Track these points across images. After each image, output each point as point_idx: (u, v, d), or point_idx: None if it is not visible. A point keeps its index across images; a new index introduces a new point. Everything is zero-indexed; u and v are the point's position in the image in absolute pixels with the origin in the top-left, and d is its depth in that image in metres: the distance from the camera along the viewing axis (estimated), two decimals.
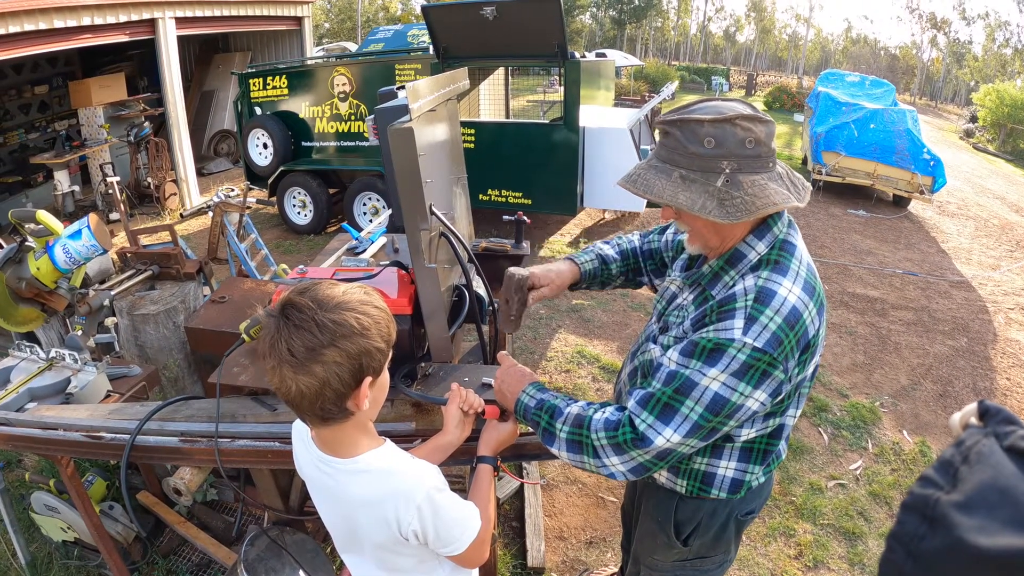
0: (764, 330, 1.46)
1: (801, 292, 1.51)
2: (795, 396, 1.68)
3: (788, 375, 1.51)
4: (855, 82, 13.35)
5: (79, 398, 2.55)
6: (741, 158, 1.46)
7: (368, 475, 1.36)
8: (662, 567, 2.07)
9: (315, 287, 1.28)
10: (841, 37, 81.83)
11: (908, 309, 6.60)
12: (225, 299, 3.16)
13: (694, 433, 1.52)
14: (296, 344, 1.20)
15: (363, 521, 1.39)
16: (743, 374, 1.47)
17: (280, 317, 1.23)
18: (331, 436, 1.37)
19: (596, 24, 59.54)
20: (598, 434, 1.59)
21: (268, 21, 11.64)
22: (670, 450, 1.54)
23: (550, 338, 5.58)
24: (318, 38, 38.03)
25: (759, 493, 1.89)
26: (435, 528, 1.36)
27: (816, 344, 1.56)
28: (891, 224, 9.84)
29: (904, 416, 4.72)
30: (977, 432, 0.64)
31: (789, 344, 1.47)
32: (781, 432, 1.75)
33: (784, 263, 1.55)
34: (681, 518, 1.90)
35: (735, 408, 1.50)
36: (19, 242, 2.90)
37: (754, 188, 1.46)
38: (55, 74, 10.93)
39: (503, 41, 6.84)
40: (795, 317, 1.48)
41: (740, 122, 1.45)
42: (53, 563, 3.10)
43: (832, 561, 3.34)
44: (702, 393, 1.49)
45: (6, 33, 7.16)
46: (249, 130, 8.60)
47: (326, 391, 1.23)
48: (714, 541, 1.93)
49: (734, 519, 1.89)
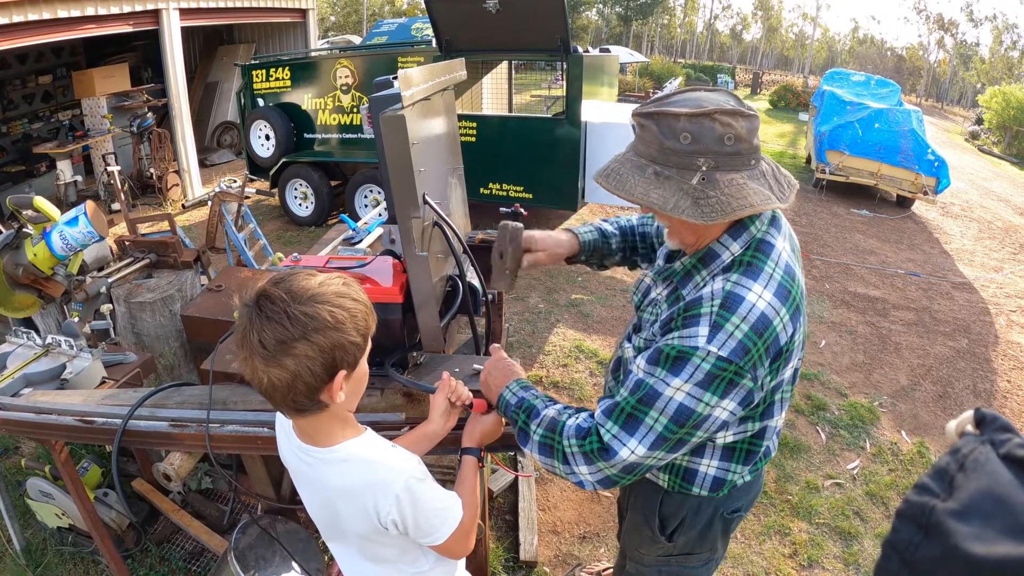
0: (730, 339, 1.39)
1: (772, 297, 1.43)
2: (776, 400, 1.64)
3: (759, 383, 1.45)
4: (860, 81, 13.31)
5: (74, 384, 2.55)
6: (719, 155, 1.37)
7: (347, 464, 1.35)
8: (647, 561, 2.04)
9: (291, 278, 1.26)
10: (848, 37, 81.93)
11: (909, 309, 6.59)
12: (222, 288, 3.16)
13: (659, 445, 1.46)
14: (267, 336, 1.18)
15: (344, 511, 1.39)
16: (708, 384, 1.40)
17: (254, 308, 1.21)
18: (309, 426, 1.36)
19: (602, 20, 59.43)
20: (569, 440, 1.54)
21: (272, 13, 11.62)
22: (635, 463, 1.48)
23: (548, 332, 5.58)
24: (324, 31, 38.02)
25: (746, 491, 1.85)
26: (414, 518, 1.35)
27: (791, 350, 1.49)
28: (894, 224, 9.82)
29: (903, 416, 4.71)
30: (973, 440, 0.64)
31: (757, 353, 1.40)
32: (764, 433, 1.69)
33: (757, 265, 1.47)
34: (666, 513, 1.87)
35: (701, 419, 1.44)
36: (16, 228, 2.91)
37: (731, 188, 1.38)
38: (59, 64, 10.95)
39: (506, 34, 6.82)
40: (764, 324, 1.40)
41: (719, 117, 1.36)
42: (48, 549, 3.10)
43: (827, 561, 3.33)
44: (666, 404, 1.43)
45: (10, 22, 7.16)
46: (251, 121, 8.60)
47: (297, 384, 1.21)
48: (699, 538, 1.89)
49: (720, 517, 1.84)
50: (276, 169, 8.46)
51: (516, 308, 6.05)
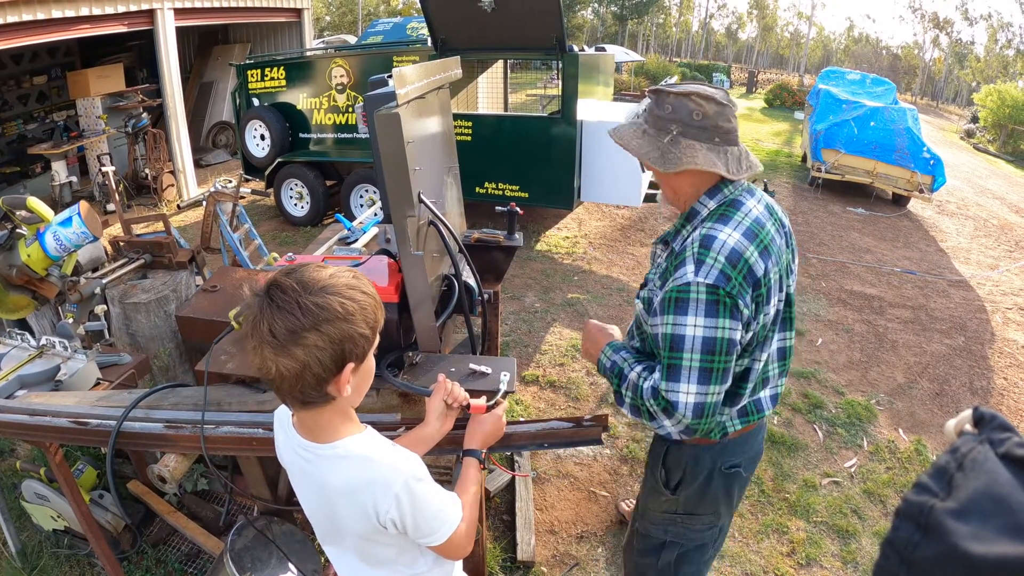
0: (711, 269, 1.67)
1: (740, 236, 1.71)
2: (762, 340, 1.84)
3: (749, 309, 1.71)
4: (856, 80, 13.32)
5: (69, 385, 2.54)
6: (687, 126, 1.74)
7: (347, 461, 1.33)
8: (654, 518, 2.19)
9: (302, 269, 1.27)
10: (843, 36, 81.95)
11: (906, 307, 6.59)
12: (217, 288, 3.15)
13: (707, 379, 1.70)
14: (278, 326, 1.18)
15: (342, 510, 1.37)
16: (714, 312, 1.67)
17: (264, 298, 1.21)
18: (311, 420, 1.35)
19: (598, 20, 59.41)
20: (649, 401, 1.79)
21: (267, 13, 11.60)
22: (699, 404, 1.71)
23: (545, 331, 5.57)
24: (319, 31, 37.95)
25: (740, 446, 2.03)
26: (413, 518, 1.34)
27: (769, 285, 1.75)
28: (890, 222, 9.82)
29: (900, 414, 4.70)
30: (972, 439, 0.64)
31: (737, 280, 1.68)
32: (748, 376, 1.88)
33: (728, 215, 1.77)
34: (669, 464, 2.06)
35: (725, 343, 1.69)
36: (10, 229, 2.89)
37: (688, 149, 1.73)
38: (54, 64, 10.92)
39: (501, 33, 6.82)
40: (736, 256, 1.68)
41: (695, 98, 1.73)
42: (43, 552, 3.08)
43: (825, 559, 3.32)
44: (692, 342, 1.69)
45: (4, 23, 7.14)
46: (247, 121, 8.58)
47: (306, 375, 1.21)
48: (700, 495, 2.05)
49: (718, 471, 2.01)
50: (271, 169, 8.44)
51: (512, 307, 6.04)
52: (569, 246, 7.79)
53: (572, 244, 7.86)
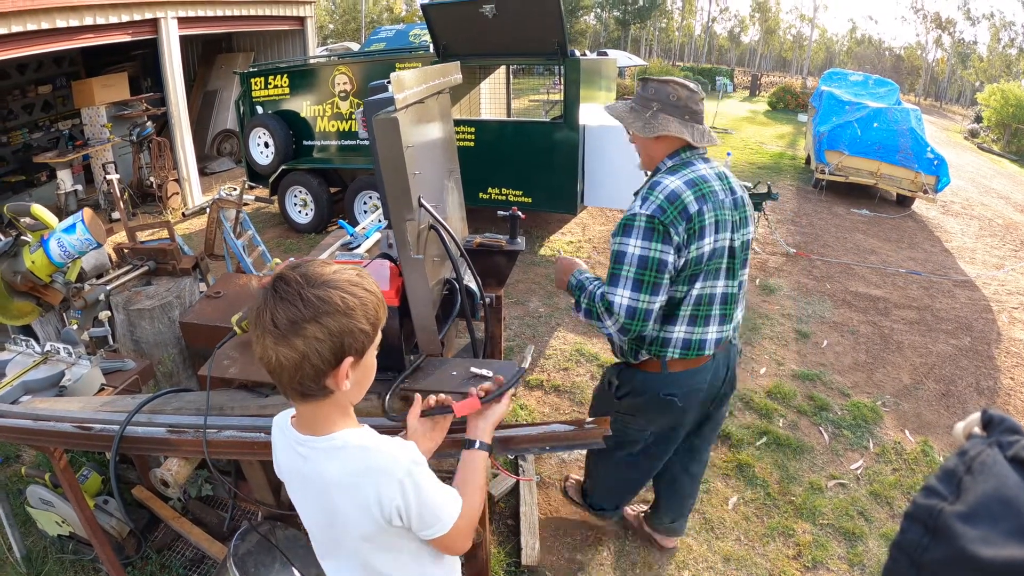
0: (652, 204, 2.23)
1: (680, 183, 2.26)
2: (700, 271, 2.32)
3: (681, 238, 2.22)
4: (859, 81, 13.30)
5: (73, 391, 2.55)
6: (665, 104, 2.34)
7: (344, 452, 1.33)
8: (600, 412, 2.75)
9: (307, 264, 1.30)
10: (846, 38, 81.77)
11: (911, 308, 6.57)
12: (220, 294, 3.16)
13: (638, 288, 2.23)
14: (279, 316, 1.21)
15: (343, 507, 1.35)
16: (649, 236, 2.21)
17: (269, 289, 1.25)
18: (310, 413, 1.36)
19: (600, 25, 59.50)
20: (597, 303, 2.30)
21: (271, 21, 11.65)
22: (631, 307, 2.23)
23: (549, 336, 5.57)
24: (322, 39, 38.10)
25: (679, 379, 2.49)
26: (418, 505, 1.33)
27: (703, 223, 2.24)
28: (894, 223, 9.79)
29: (906, 416, 4.68)
30: (980, 442, 0.64)
31: (672, 213, 2.20)
32: (683, 303, 2.36)
33: (676, 170, 2.33)
34: (621, 380, 2.64)
35: (657, 263, 2.21)
36: (14, 236, 2.91)
37: (663, 121, 2.33)
38: (59, 74, 10.97)
39: (503, 39, 6.82)
40: (674, 196, 2.23)
41: (673, 85, 2.35)
42: (48, 557, 3.09)
43: (831, 562, 3.30)
44: (630, 257, 2.23)
45: (8, 33, 7.18)
46: (250, 129, 8.61)
47: (305, 366, 1.23)
48: (639, 407, 2.60)
49: (657, 396, 2.52)
50: (275, 176, 8.46)
51: (516, 312, 6.04)
52: (573, 251, 7.79)
53: (576, 249, 7.86)
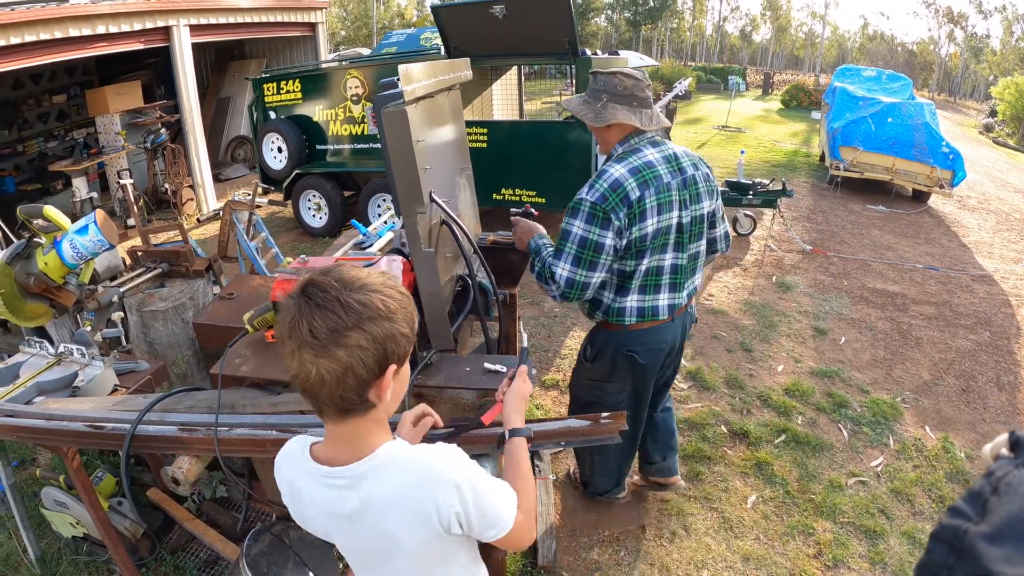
0: (596, 192, 2.46)
1: (625, 172, 2.47)
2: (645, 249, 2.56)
3: (622, 221, 2.45)
4: (872, 77, 13.18)
5: (86, 392, 2.55)
6: (613, 94, 2.55)
7: (392, 466, 1.23)
8: (580, 384, 3.06)
9: (337, 268, 1.20)
10: (858, 34, 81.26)
11: (929, 304, 6.49)
12: (234, 295, 3.16)
13: (577, 263, 2.50)
14: (318, 325, 1.11)
15: (396, 527, 1.24)
16: (591, 221, 2.46)
17: (301, 298, 1.14)
18: (346, 433, 1.25)
19: (611, 26, 59.43)
20: (546, 270, 2.57)
21: (282, 28, 11.70)
22: (570, 278, 2.51)
23: (564, 336, 5.54)
24: (334, 45, 38.26)
25: (637, 337, 2.76)
26: (477, 508, 1.24)
27: (644, 208, 2.47)
28: (911, 219, 9.70)
29: (926, 412, 4.62)
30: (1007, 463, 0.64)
31: (613, 201, 2.44)
32: (634, 275, 2.62)
33: (625, 158, 2.54)
34: (590, 339, 2.93)
35: (595, 244, 2.47)
36: (27, 238, 2.91)
37: (612, 110, 2.55)
38: (73, 83, 11.07)
39: (514, 39, 6.81)
40: (617, 184, 2.45)
41: (619, 76, 2.56)
42: (63, 559, 3.09)
43: (852, 560, 3.25)
44: (572, 236, 2.50)
45: (23, 42, 7.25)
46: (264, 134, 8.63)
47: (348, 378, 1.14)
48: (610, 367, 2.83)
49: (621, 352, 2.78)
50: (289, 181, 8.48)
51: (532, 312, 6.03)
52: None
53: None
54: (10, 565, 3.15)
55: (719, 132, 18.06)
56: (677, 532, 3.41)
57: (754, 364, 5.17)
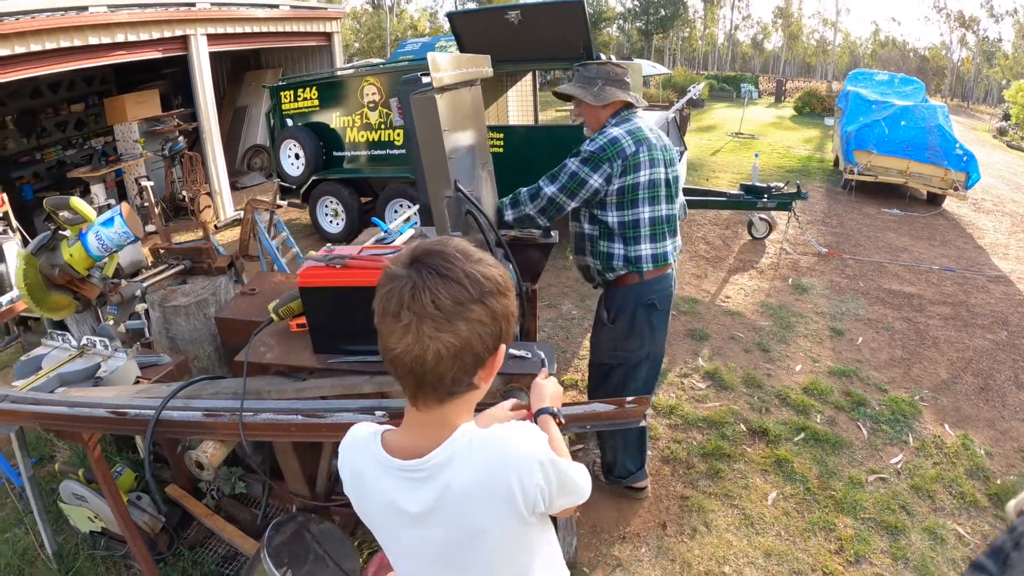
0: (596, 143, 2.90)
1: (623, 131, 2.91)
2: (640, 198, 2.96)
3: (615, 171, 2.87)
4: (884, 80, 13.15)
5: (109, 382, 2.56)
6: (607, 79, 2.99)
7: (472, 449, 1.14)
8: (603, 348, 3.31)
9: (451, 239, 1.13)
10: (869, 40, 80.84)
11: (946, 304, 6.45)
12: (256, 291, 3.18)
13: (562, 189, 2.94)
14: (443, 296, 1.03)
15: (481, 516, 1.15)
16: (586, 163, 2.89)
17: (420, 267, 1.06)
18: (434, 420, 1.16)
19: (623, 36, 59.53)
20: (522, 194, 3.08)
21: (298, 37, 11.79)
22: (552, 196, 2.96)
23: (582, 337, 5.54)
24: (348, 57, 38.51)
25: (652, 286, 3.10)
26: (559, 481, 1.18)
27: (638, 160, 2.89)
28: (926, 222, 9.64)
29: (945, 410, 4.58)
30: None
31: (610, 152, 2.86)
32: (638, 224, 3.00)
33: (619, 124, 2.98)
34: (608, 303, 3.21)
35: (581, 180, 2.90)
36: (53, 230, 2.94)
37: (611, 91, 2.98)
38: (91, 92, 11.18)
39: (529, 45, 6.85)
40: (615, 140, 2.88)
41: (610, 66, 3.04)
42: (79, 554, 3.08)
43: (874, 556, 3.23)
44: (567, 169, 2.94)
45: (43, 49, 7.33)
46: (281, 141, 8.66)
47: (465, 355, 1.07)
48: (631, 323, 3.13)
49: (641, 304, 3.10)
50: (306, 187, 8.51)
51: (550, 315, 6.03)
52: None
53: None
54: (27, 560, 3.15)
55: (732, 139, 18.02)
56: (698, 529, 3.39)
57: (772, 364, 5.15)
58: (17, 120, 10.30)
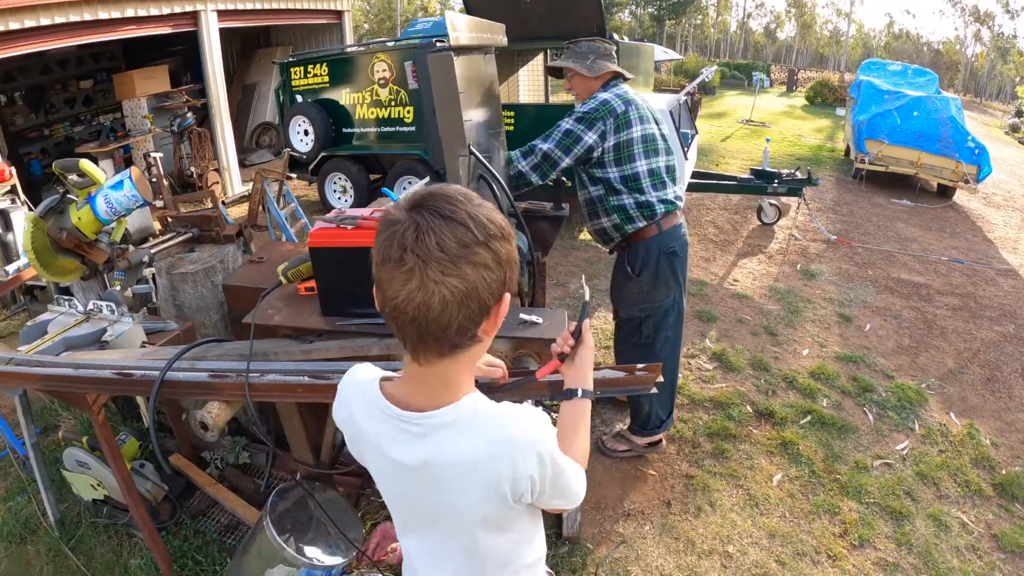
0: (588, 105, 3.14)
1: (612, 94, 3.14)
2: (636, 152, 3.16)
3: (608, 128, 3.09)
4: (897, 71, 13.02)
5: (114, 347, 2.55)
6: (598, 54, 3.23)
7: (475, 424, 1.11)
8: (630, 301, 3.44)
9: (448, 185, 1.07)
10: (883, 32, 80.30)
11: (954, 295, 6.42)
12: (263, 259, 3.16)
13: (556, 145, 3.12)
14: (448, 239, 0.98)
15: (462, 494, 1.13)
16: (579, 121, 3.11)
17: (422, 210, 1.01)
18: (435, 375, 1.11)
19: (635, 21, 59.17)
20: (515, 155, 3.20)
21: (308, 15, 11.70)
22: (546, 152, 3.13)
23: (590, 316, 5.51)
24: (358, 37, 38.37)
25: (670, 234, 3.28)
26: (553, 478, 1.15)
27: (629, 118, 3.11)
28: (936, 213, 9.59)
29: (951, 399, 4.57)
30: None
31: (601, 112, 3.09)
32: (638, 177, 3.19)
33: (608, 89, 3.19)
34: (631, 259, 3.33)
35: (576, 137, 3.10)
36: (61, 193, 2.92)
37: (603, 63, 3.22)
38: (99, 69, 11.14)
39: (542, 23, 6.80)
40: (605, 102, 3.11)
41: (599, 41, 3.27)
42: (82, 522, 3.08)
43: (878, 540, 3.22)
44: (562, 127, 3.14)
45: (52, 23, 7.29)
46: (290, 117, 8.60)
47: (471, 301, 1.01)
48: (655, 274, 3.29)
49: (663, 253, 3.26)
50: (315, 164, 8.48)
51: (557, 294, 6.03)
52: None
53: None
54: (29, 528, 3.14)
55: (743, 126, 17.93)
56: (703, 508, 3.39)
57: (779, 347, 5.13)
58: (26, 96, 10.27)
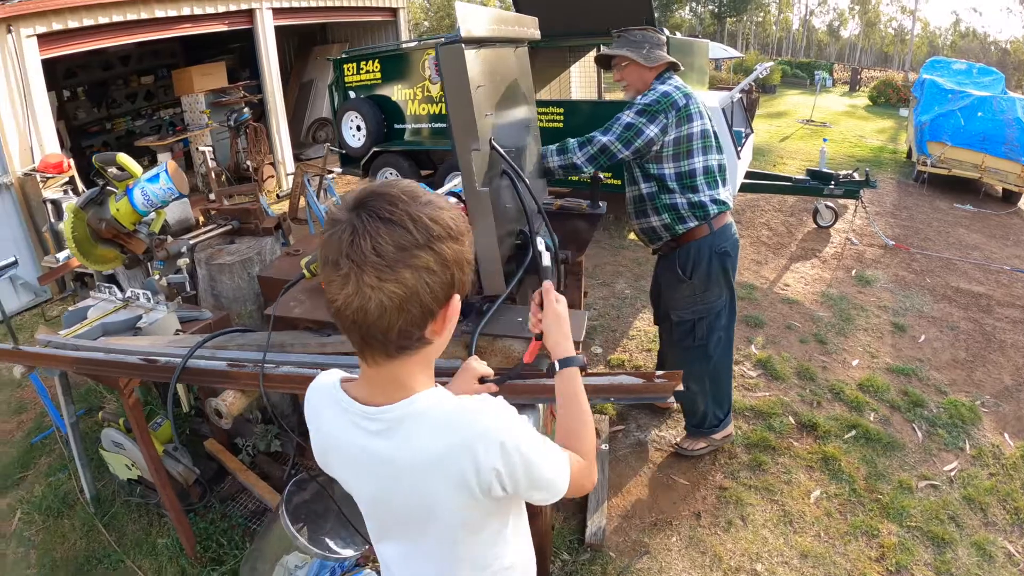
0: (649, 97, 3.04)
1: (672, 87, 3.06)
2: (695, 148, 3.09)
3: (670, 121, 3.00)
4: (962, 70, 12.48)
5: (148, 333, 2.61)
6: (653, 45, 3.14)
7: (431, 418, 1.08)
8: (682, 304, 3.37)
9: (400, 181, 1.04)
10: (949, 31, 77.55)
11: (1016, 307, 6.13)
12: (300, 252, 3.20)
13: (618, 138, 3.02)
14: (383, 241, 0.95)
15: (433, 487, 1.10)
16: (641, 114, 3.01)
17: (361, 211, 0.97)
18: (389, 375, 1.09)
19: (695, 19, 58.38)
20: (572, 144, 3.13)
21: (363, 12, 11.84)
22: (606, 144, 3.04)
23: (633, 318, 5.47)
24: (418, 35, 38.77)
25: (722, 234, 3.23)
26: (525, 470, 1.10)
27: (689, 112, 3.04)
28: (999, 220, 9.18)
29: (1006, 418, 4.33)
30: None
31: (664, 104, 3.00)
32: (694, 174, 3.13)
33: (665, 82, 3.12)
34: (683, 261, 3.26)
35: (636, 129, 3.00)
36: (101, 185, 3.01)
37: (658, 54, 3.14)
38: (160, 65, 11.49)
39: (590, 17, 6.76)
40: (667, 94, 3.02)
41: (651, 31, 3.18)
42: (116, 500, 3.20)
43: (916, 568, 3.05)
44: (622, 120, 3.04)
45: (110, 22, 7.54)
46: (343, 113, 8.70)
47: (411, 306, 0.98)
48: (707, 274, 3.24)
49: (715, 254, 3.22)
50: (367, 159, 8.56)
51: (601, 293, 5.98)
52: None
53: None
54: (67, 503, 3.31)
55: (803, 126, 17.51)
56: (733, 521, 3.29)
57: (827, 356, 4.97)
58: (88, 91, 10.65)
